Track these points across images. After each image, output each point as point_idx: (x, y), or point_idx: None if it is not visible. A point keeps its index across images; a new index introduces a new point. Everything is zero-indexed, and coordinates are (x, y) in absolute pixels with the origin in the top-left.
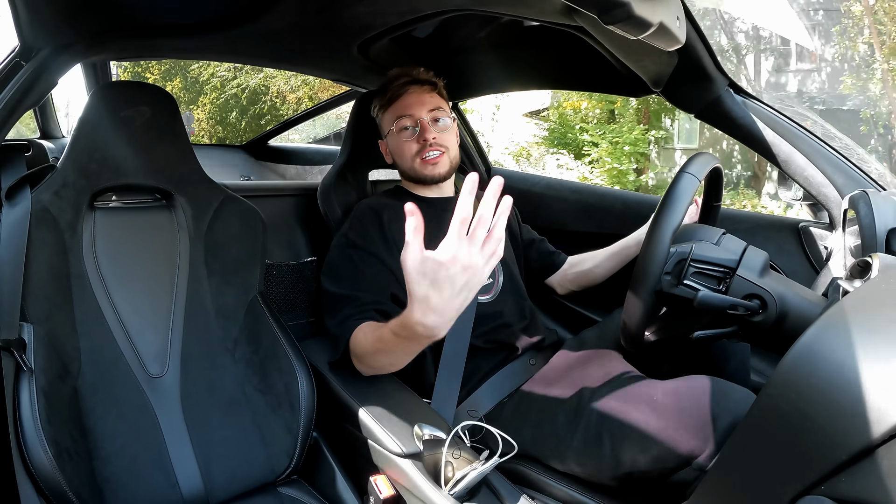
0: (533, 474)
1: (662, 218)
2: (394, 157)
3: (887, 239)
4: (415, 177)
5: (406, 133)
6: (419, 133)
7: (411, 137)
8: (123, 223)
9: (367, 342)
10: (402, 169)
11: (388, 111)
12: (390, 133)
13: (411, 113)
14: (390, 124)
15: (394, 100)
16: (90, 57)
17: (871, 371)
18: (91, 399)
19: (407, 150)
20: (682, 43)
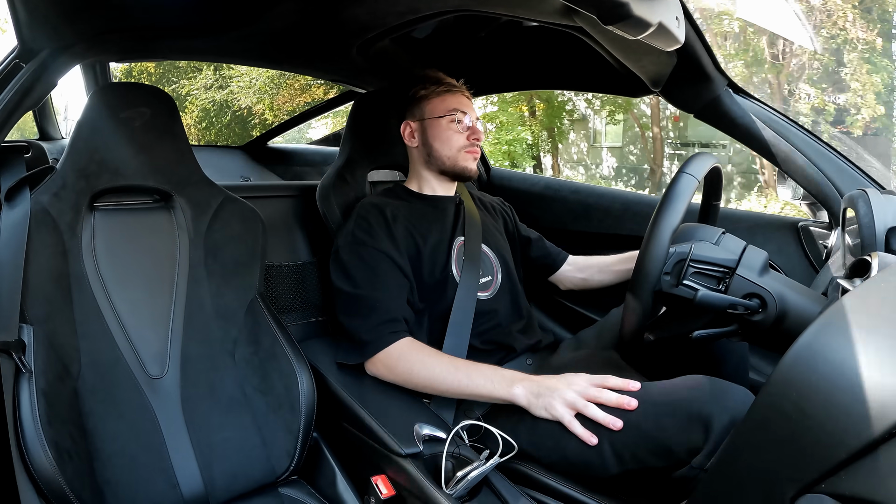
0: (532, 473)
1: (661, 218)
2: (431, 142)
3: (887, 238)
4: (451, 166)
5: (457, 125)
6: (471, 130)
7: (462, 130)
8: (123, 224)
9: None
10: (438, 156)
11: (442, 99)
12: (435, 120)
13: (466, 111)
14: (441, 111)
15: (450, 92)
16: (89, 58)
17: (870, 369)
18: (91, 400)
19: (456, 140)
20: (681, 43)
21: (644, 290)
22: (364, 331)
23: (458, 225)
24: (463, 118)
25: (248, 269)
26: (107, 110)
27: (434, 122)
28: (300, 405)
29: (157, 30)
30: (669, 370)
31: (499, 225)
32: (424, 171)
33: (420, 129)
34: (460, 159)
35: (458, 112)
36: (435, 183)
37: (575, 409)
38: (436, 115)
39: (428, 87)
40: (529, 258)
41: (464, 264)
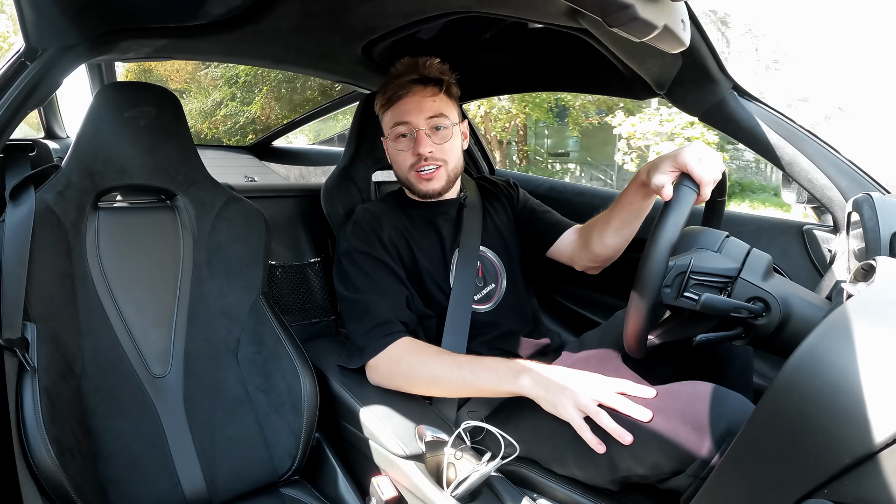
0: (534, 476)
1: (660, 232)
2: (391, 162)
3: (891, 242)
4: (409, 188)
5: (402, 142)
6: (414, 145)
7: (407, 148)
8: (127, 223)
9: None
10: (398, 177)
11: (388, 113)
12: (386, 140)
13: (408, 120)
14: (388, 127)
15: (393, 101)
16: (95, 57)
17: (874, 375)
18: (94, 398)
19: (402, 160)
20: (686, 45)
21: (644, 304)
22: (359, 335)
23: (459, 232)
24: (406, 131)
25: (252, 268)
26: (112, 109)
27: (387, 143)
28: (302, 405)
29: (162, 30)
30: (673, 374)
31: (504, 210)
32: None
33: (386, 148)
34: (413, 181)
35: (400, 125)
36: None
37: (586, 414)
38: (385, 135)
39: (378, 99)
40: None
41: (458, 272)
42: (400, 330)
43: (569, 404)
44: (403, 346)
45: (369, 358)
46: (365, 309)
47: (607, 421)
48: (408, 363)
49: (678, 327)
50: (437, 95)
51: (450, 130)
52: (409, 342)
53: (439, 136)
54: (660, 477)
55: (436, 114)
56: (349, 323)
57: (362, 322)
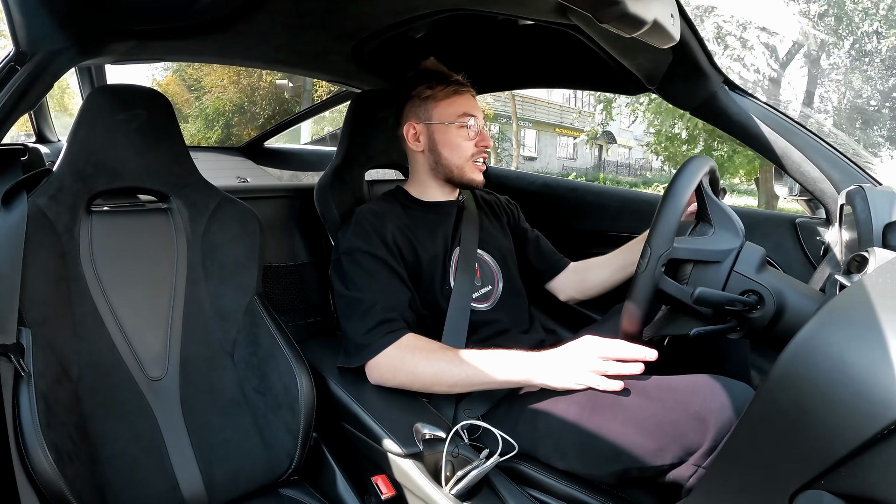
0: (533, 473)
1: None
2: (440, 148)
3: (884, 233)
4: (458, 176)
5: (467, 131)
6: (480, 137)
7: (471, 137)
8: (120, 226)
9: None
10: (446, 164)
11: (451, 102)
12: (443, 125)
13: (475, 114)
14: (451, 116)
15: (459, 93)
16: (85, 60)
17: (869, 365)
18: (90, 402)
19: (465, 147)
20: (676, 40)
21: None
22: (360, 334)
23: (458, 234)
24: (473, 123)
25: (247, 269)
26: (103, 112)
27: (442, 128)
28: (299, 405)
29: (152, 31)
30: (671, 368)
31: (501, 223)
32: (428, 178)
33: (426, 133)
34: (468, 170)
35: (468, 116)
36: (437, 190)
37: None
38: (444, 120)
39: (434, 87)
40: (528, 260)
41: (458, 273)
42: (402, 327)
43: (580, 374)
44: (406, 344)
45: (372, 356)
46: (367, 308)
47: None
48: (412, 360)
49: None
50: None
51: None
52: (412, 338)
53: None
54: (661, 467)
55: (482, 116)
56: (348, 322)
57: (363, 321)
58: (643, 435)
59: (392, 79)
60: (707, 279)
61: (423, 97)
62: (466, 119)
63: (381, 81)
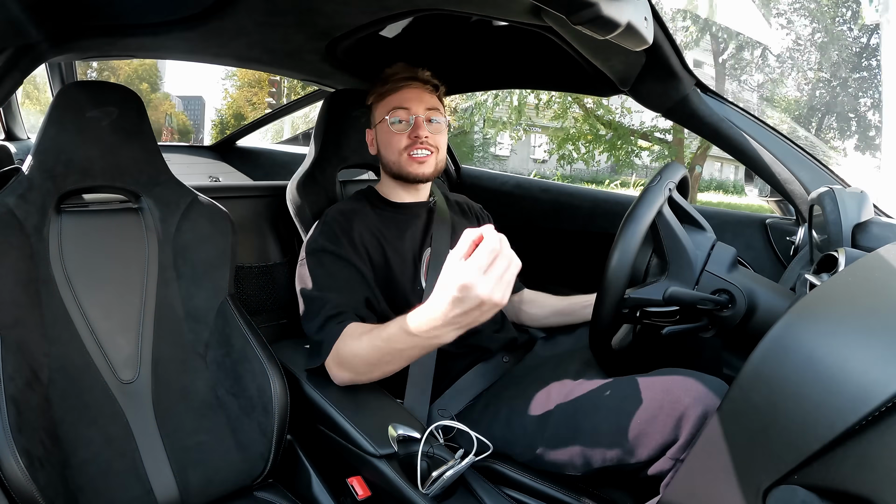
0: (509, 472)
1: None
2: (380, 148)
3: (853, 234)
4: (398, 172)
5: (398, 125)
6: (412, 128)
7: (403, 131)
8: (91, 226)
9: (361, 345)
10: (386, 161)
11: (385, 100)
12: (382, 123)
13: (408, 107)
14: (384, 114)
15: (393, 91)
16: (55, 56)
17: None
18: (62, 407)
19: (396, 142)
20: (649, 43)
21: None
22: (314, 331)
23: (429, 235)
24: (404, 116)
25: (218, 270)
26: (73, 109)
27: (380, 127)
28: (273, 407)
29: (123, 27)
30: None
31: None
32: (387, 179)
33: (374, 136)
34: (404, 163)
35: (397, 110)
36: (400, 190)
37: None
38: (378, 119)
39: (375, 90)
40: None
41: (429, 273)
42: (351, 318)
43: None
44: (348, 333)
45: (326, 353)
46: (320, 306)
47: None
48: (344, 353)
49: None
50: (433, 94)
51: (442, 125)
52: (349, 329)
53: (433, 127)
54: (636, 464)
55: (432, 106)
56: (305, 321)
57: (316, 319)
58: (618, 433)
59: (366, 78)
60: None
61: (369, 103)
62: (396, 113)
63: (354, 81)
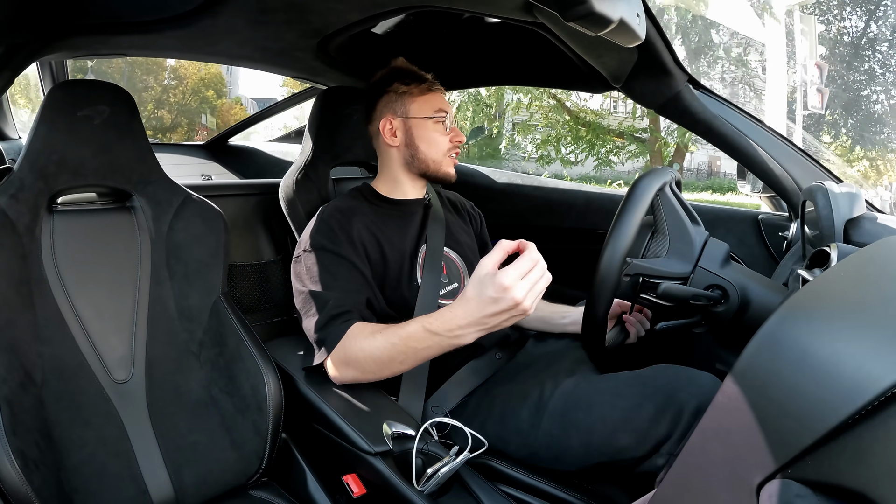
0: (504, 469)
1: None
2: (417, 142)
3: (845, 229)
4: (434, 170)
5: (442, 127)
6: (454, 133)
7: (447, 133)
8: (83, 226)
9: (375, 344)
10: (422, 158)
11: (427, 98)
12: (424, 120)
13: (448, 111)
14: (428, 111)
15: (432, 90)
16: (46, 55)
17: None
18: (56, 408)
19: (442, 142)
20: (641, 39)
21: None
22: (315, 331)
23: (424, 232)
24: (448, 119)
25: (211, 269)
26: (65, 108)
27: (420, 123)
28: (267, 406)
29: (114, 26)
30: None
31: (466, 226)
32: (401, 173)
33: (404, 129)
34: (444, 164)
35: (444, 113)
36: (409, 186)
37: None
38: (422, 115)
39: (410, 84)
40: None
41: (425, 270)
42: (353, 318)
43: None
44: (352, 333)
45: (327, 353)
46: (322, 304)
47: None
48: (353, 352)
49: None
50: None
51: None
52: (354, 328)
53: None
54: (631, 459)
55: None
56: (305, 319)
57: (318, 317)
58: (613, 429)
59: (358, 76)
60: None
61: (399, 93)
62: (443, 115)
63: (347, 78)
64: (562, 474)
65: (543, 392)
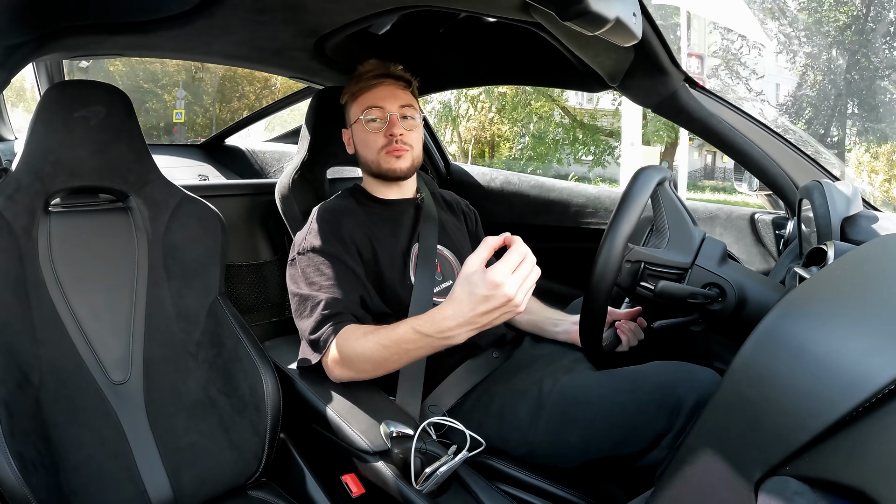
0: (502, 467)
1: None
2: (357, 147)
3: (842, 227)
4: (377, 170)
5: (373, 125)
6: (387, 127)
7: (378, 130)
8: (80, 226)
9: (367, 345)
10: (364, 160)
11: (358, 100)
12: (357, 123)
13: (382, 105)
14: (358, 114)
15: (366, 90)
16: (42, 55)
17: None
18: (54, 409)
19: (373, 141)
20: (638, 38)
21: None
22: (310, 330)
23: (416, 231)
24: (380, 115)
25: (209, 269)
26: (61, 109)
27: (356, 127)
28: (265, 406)
29: (110, 25)
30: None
31: (461, 224)
32: (368, 178)
33: (351, 136)
34: (382, 161)
35: (371, 109)
36: (383, 188)
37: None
38: (354, 119)
39: (347, 90)
40: None
41: (418, 267)
42: (346, 319)
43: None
44: (346, 335)
45: (321, 353)
46: (315, 305)
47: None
48: (346, 352)
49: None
50: (406, 91)
51: (416, 122)
52: (347, 330)
53: (408, 124)
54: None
55: (406, 103)
56: (300, 320)
57: (311, 318)
58: (612, 425)
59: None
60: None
61: (343, 103)
62: (371, 112)
63: (343, 78)
64: (561, 472)
65: (542, 389)
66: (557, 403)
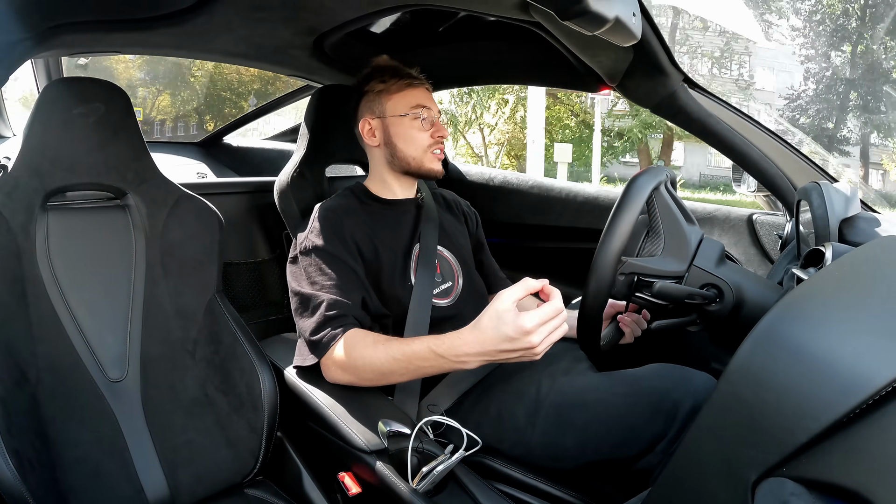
0: (499, 467)
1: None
2: (395, 141)
3: (840, 229)
4: (416, 167)
5: (421, 122)
6: (435, 128)
7: (426, 129)
8: (78, 224)
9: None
10: (402, 156)
11: (405, 94)
12: (402, 117)
13: (428, 105)
14: (404, 108)
15: (412, 86)
16: (41, 52)
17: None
18: (51, 406)
19: (420, 139)
20: (637, 38)
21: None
22: (310, 331)
23: (417, 231)
24: (427, 115)
25: (206, 267)
26: (60, 106)
27: (396, 120)
28: (262, 404)
29: (109, 22)
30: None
31: (461, 225)
32: (386, 173)
33: (381, 128)
34: (426, 161)
35: (422, 108)
36: (396, 185)
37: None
38: (398, 113)
39: (387, 81)
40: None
41: (419, 268)
42: (350, 322)
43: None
44: (350, 340)
45: (322, 354)
46: (317, 305)
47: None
48: (351, 358)
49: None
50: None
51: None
52: (354, 334)
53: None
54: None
55: (438, 109)
56: (300, 320)
57: (313, 318)
58: (608, 428)
59: (354, 74)
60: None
61: (376, 91)
62: (420, 110)
63: (343, 76)
64: (557, 472)
65: (540, 390)
66: (554, 406)
